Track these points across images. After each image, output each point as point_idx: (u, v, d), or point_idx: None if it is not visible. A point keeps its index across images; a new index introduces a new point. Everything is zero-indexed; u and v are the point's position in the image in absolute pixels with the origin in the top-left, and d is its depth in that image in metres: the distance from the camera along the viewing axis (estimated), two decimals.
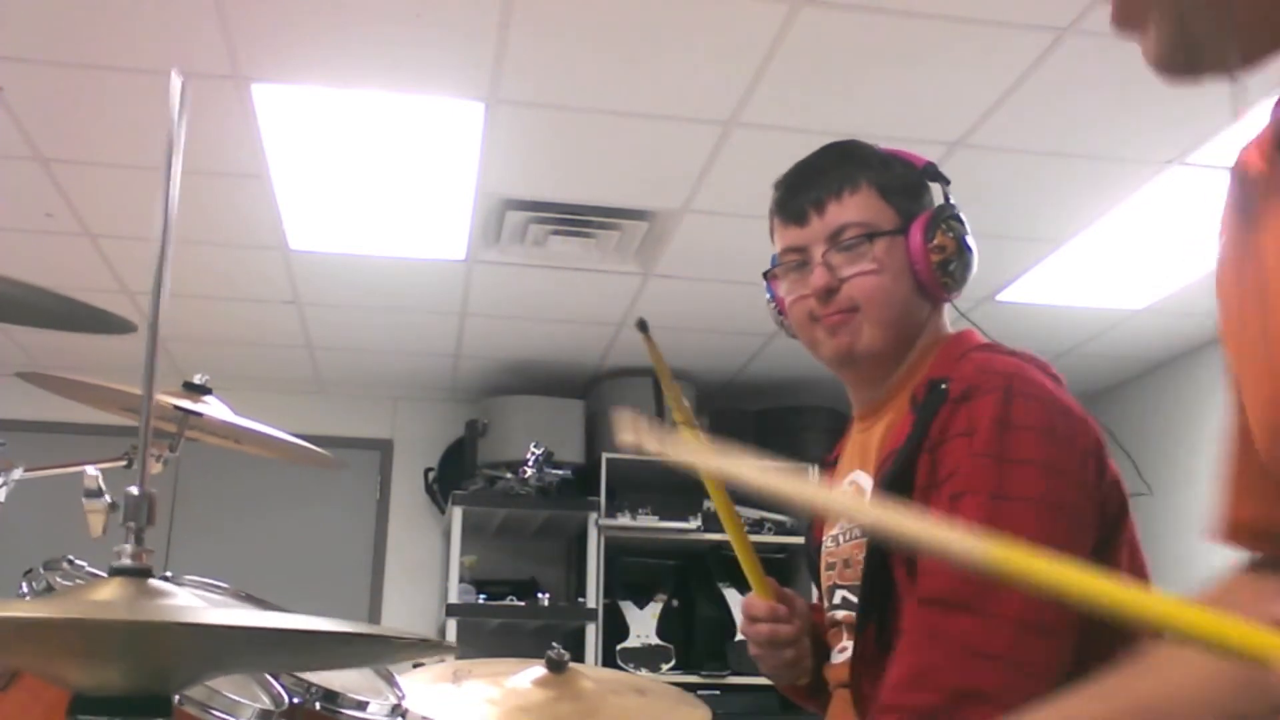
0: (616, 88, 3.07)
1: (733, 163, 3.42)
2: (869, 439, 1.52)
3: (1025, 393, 1.35)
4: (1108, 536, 1.36)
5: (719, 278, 4.27)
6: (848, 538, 1.50)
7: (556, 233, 3.87)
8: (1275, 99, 0.83)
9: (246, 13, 2.74)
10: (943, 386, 1.39)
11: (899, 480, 1.36)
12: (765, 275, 1.61)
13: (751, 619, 1.54)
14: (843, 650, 1.50)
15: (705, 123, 3.24)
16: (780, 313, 1.60)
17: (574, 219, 3.82)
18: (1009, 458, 1.31)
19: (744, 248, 3.96)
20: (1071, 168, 3.46)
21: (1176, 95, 3.07)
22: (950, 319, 1.58)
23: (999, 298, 4.37)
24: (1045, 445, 1.32)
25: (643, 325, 1.53)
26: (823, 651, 1.57)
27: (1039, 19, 2.77)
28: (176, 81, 0.99)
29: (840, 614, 1.50)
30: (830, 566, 1.54)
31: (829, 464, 1.67)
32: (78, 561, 1.78)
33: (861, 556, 1.44)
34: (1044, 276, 4.21)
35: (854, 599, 1.47)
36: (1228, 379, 0.87)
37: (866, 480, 1.49)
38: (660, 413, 5.21)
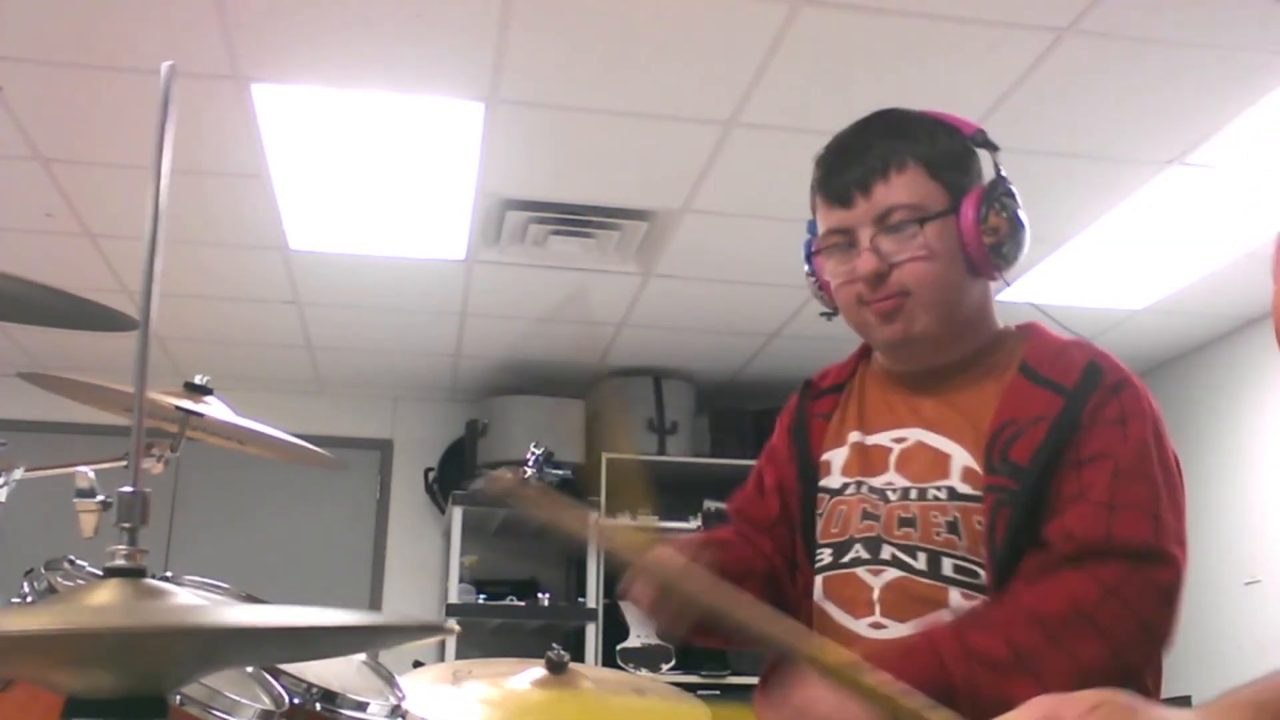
0: (616, 88, 3.07)
1: (733, 163, 3.42)
2: (934, 405, 1.47)
3: (1145, 391, 1.46)
4: None
5: (719, 278, 4.27)
6: (925, 496, 1.42)
7: (556, 233, 3.87)
8: None
9: (246, 13, 2.74)
10: (1095, 366, 1.44)
11: (1052, 451, 1.37)
12: (808, 255, 1.53)
13: (626, 596, 1.42)
14: (878, 625, 1.42)
15: (705, 123, 3.24)
16: (821, 289, 1.53)
17: (574, 219, 3.82)
18: (1166, 454, 1.43)
19: (744, 248, 3.96)
20: (1071, 168, 3.46)
21: (1176, 95, 3.08)
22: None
23: (999, 298, 4.36)
24: (1168, 439, 1.45)
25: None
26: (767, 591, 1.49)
27: (1039, 19, 2.77)
28: (165, 68, 0.99)
29: (891, 574, 1.42)
30: (872, 516, 1.45)
31: (822, 390, 1.60)
32: (78, 561, 1.78)
33: (944, 520, 1.39)
34: (1044, 276, 4.21)
35: (911, 561, 1.40)
36: None
37: (946, 443, 1.44)
38: (660, 413, 5.22)
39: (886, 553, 1.43)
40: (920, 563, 1.40)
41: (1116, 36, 2.82)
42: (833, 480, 1.52)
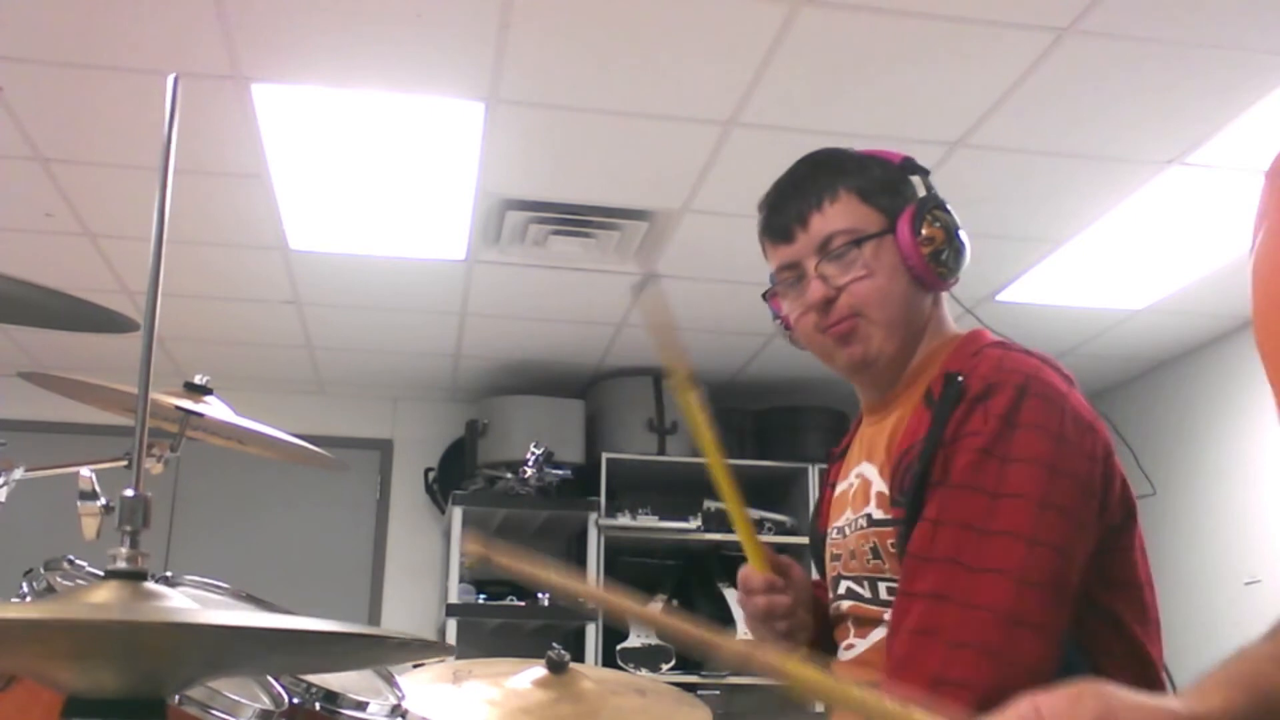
0: (616, 88, 3.07)
1: (733, 163, 3.42)
2: (878, 433, 1.52)
3: (1038, 392, 1.34)
4: (1112, 543, 1.36)
5: (719, 278, 4.27)
6: (853, 529, 1.50)
7: (556, 233, 3.87)
8: None
9: (246, 13, 2.74)
10: (959, 380, 1.38)
11: (920, 477, 1.36)
12: (764, 296, 1.63)
13: (748, 591, 1.56)
14: (850, 647, 1.50)
15: (705, 123, 3.24)
16: (787, 328, 1.60)
17: (574, 219, 3.82)
18: (1011, 456, 1.31)
19: (744, 248, 3.94)
20: (1071, 168, 3.46)
21: (1176, 95, 3.08)
22: (954, 316, 1.58)
23: (999, 298, 4.37)
24: (1050, 445, 1.31)
25: (644, 283, 1.60)
26: (824, 627, 1.58)
27: (1039, 19, 2.77)
28: (170, 81, 0.99)
29: (846, 604, 1.51)
30: (835, 557, 1.54)
31: (835, 456, 1.67)
32: (78, 562, 1.78)
33: (868, 547, 1.46)
34: (1044, 276, 4.21)
35: (859, 589, 1.48)
36: (1265, 363, 0.89)
37: (873, 473, 1.49)
38: (660, 413, 5.22)
39: (843, 587, 1.52)
40: (865, 590, 1.48)
41: (1116, 36, 2.82)
42: (831, 531, 1.60)
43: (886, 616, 1.43)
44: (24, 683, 1.43)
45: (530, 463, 4.90)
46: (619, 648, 4.95)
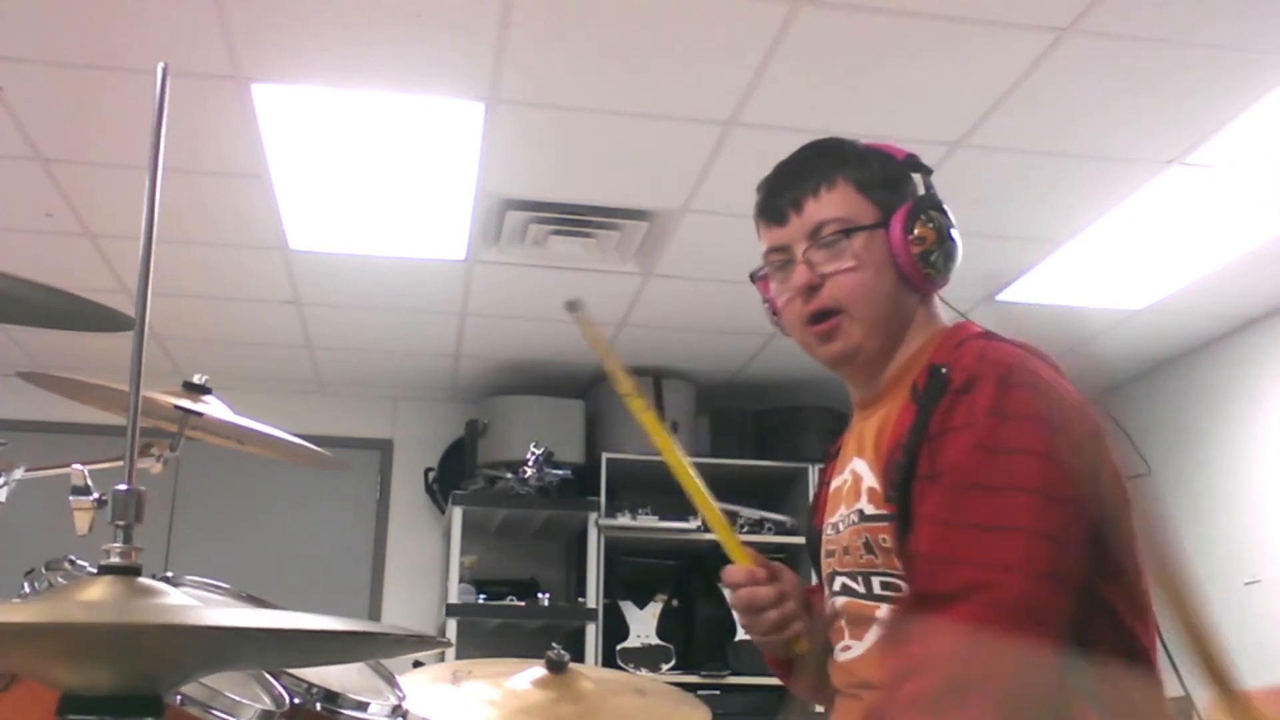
0: (616, 88, 3.07)
1: (733, 163, 3.42)
2: (867, 428, 1.52)
3: (1022, 381, 1.34)
4: (1107, 529, 1.35)
5: (719, 278, 4.27)
6: (846, 524, 1.50)
7: (556, 233, 3.87)
8: None
9: (246, 13, 2.75)
10: (943, 372, 1.38)
11: (907, 470, 1.36)
12: (752, 277, 1.63)
13: (730, 585, 1.55)
14: (846, 649, 1.49)
15: (705, 123, 3.24)
16: (774, 313, 1.60)
17: (574, 219, 3.82)
18: (1005, 448, 1.30)
19: (744, 248, 3.93)
20: (1071, 168, 3.46)
21: (1176, 95, 3.08)
22: (948, 318, 1.58)
23: (999, 298, 4.37)
24: (1042, 434, 1.30)
25: (573, 305, 1.57)
26: (821, 631, 1.57)
27: (1039, 19, 2.77)
28: (159, 69, 0.99)
29: (841, 600, 1.50)
30: (830, 554, 1.54)
31: (832, 455, 1.67)
32: (79, 561, 1.78)
33: (860, 542, 1.45)
34: (1044, 276, 4.21)
35: (853, 585, 1.48)
36: None
37: (864, 468, 1.49)
38: (661, 413, 5.22)
39: (838, 583, 1.52)
40: (859, 585, 1.47)
41: (1116, 36, 2.82)
42: (826, 528, 1.59)
43: (879, 613, 1.43)
44: (24, 682, 1.43)
45: (530, 463, 4.90)
46: (619, 648, 4.95)
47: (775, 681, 1.68)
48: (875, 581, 1.45)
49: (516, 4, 2.72)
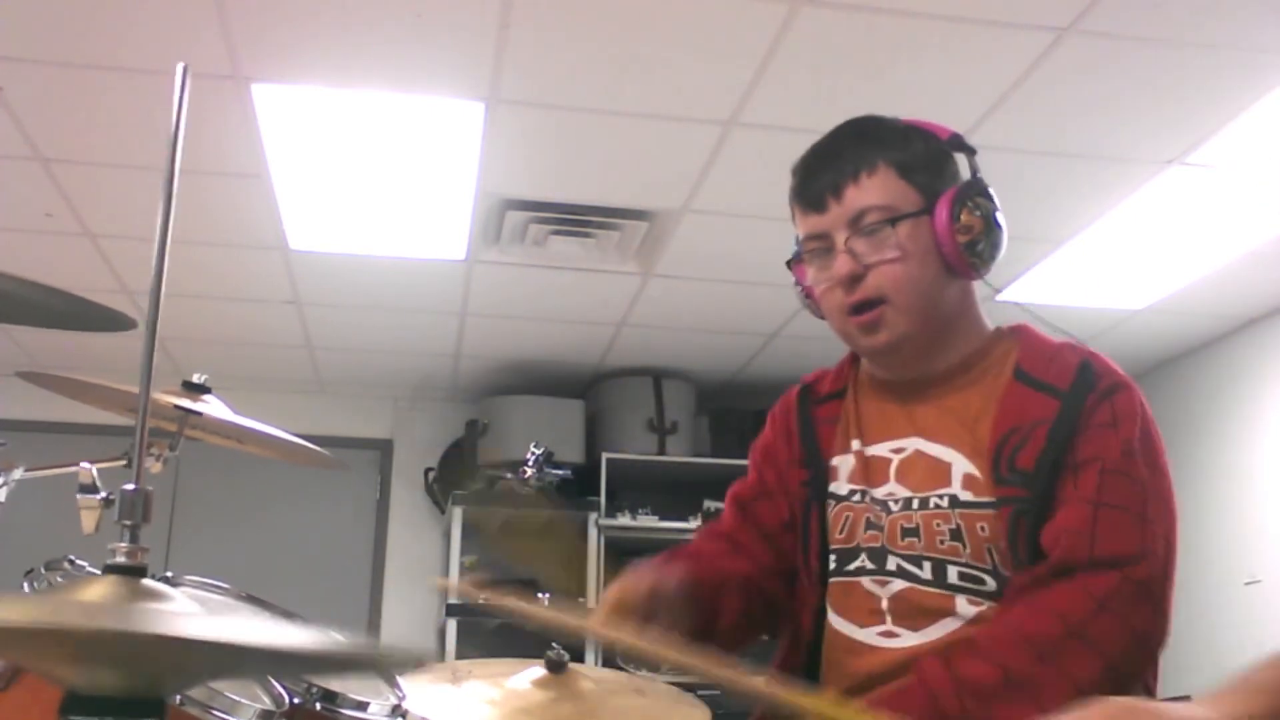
0: (616, 88, 3.06)
1: (733, 163, 3.42)
2: (928, 412, 1.47)
3: (1144, 399, 1.45)
4: None
5: (719, 278, 4.27)
6: (922, 506, 1.42)
7: (556, 233, 3.87)
8: None
9: (246, 13, 2.74)
10: (1093, 371, 1.43)
11: (1055, 455, 1.37)
12: (789, 263, 1.55)
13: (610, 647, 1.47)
14: (890, 634, 1.42)
15: (705, 123, 3.24)
16: (808, 296, 1.54)
17: (574, 219, 3.82)
18: (1153, 458, 1.40)
19: (744, 248, 3.96)
20: (1071, 168, 3.46)
21: (1176, 95, 3.08)
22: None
23: (999, 298, 4.35)
24: (1164, 451, 1.44)
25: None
26: (705, 612, 1.51)
27: (1039, 19, 2.77)
28: (179, 70, 0.99)
29: (897, 584, 1.42)
30: (875, 526, 1.45)
31: (823, 396, 1.59)
32: (79, 561, 1.78)
33: (947, 528, 1.40)
34: (1044, 276, 4.21)
35: (916, 570, 1.41)
36: None
37: (944, 450, 1.44)
38: (660, 413, 5.22)
39: (892, 563, 1.43)
40: (926, 572, 1.41)
41: (1116, 36, 2.82)
42: (840, 486, 1.52)
43: (959, 606, 1.38)
44: (24, 682, 1.43)
45: (530, 463, 4.90)
46: None
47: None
48: (952, 571, 1.39)
49: (516, 4, 2.72)
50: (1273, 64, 2.93)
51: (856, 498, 1.50)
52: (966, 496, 1.40)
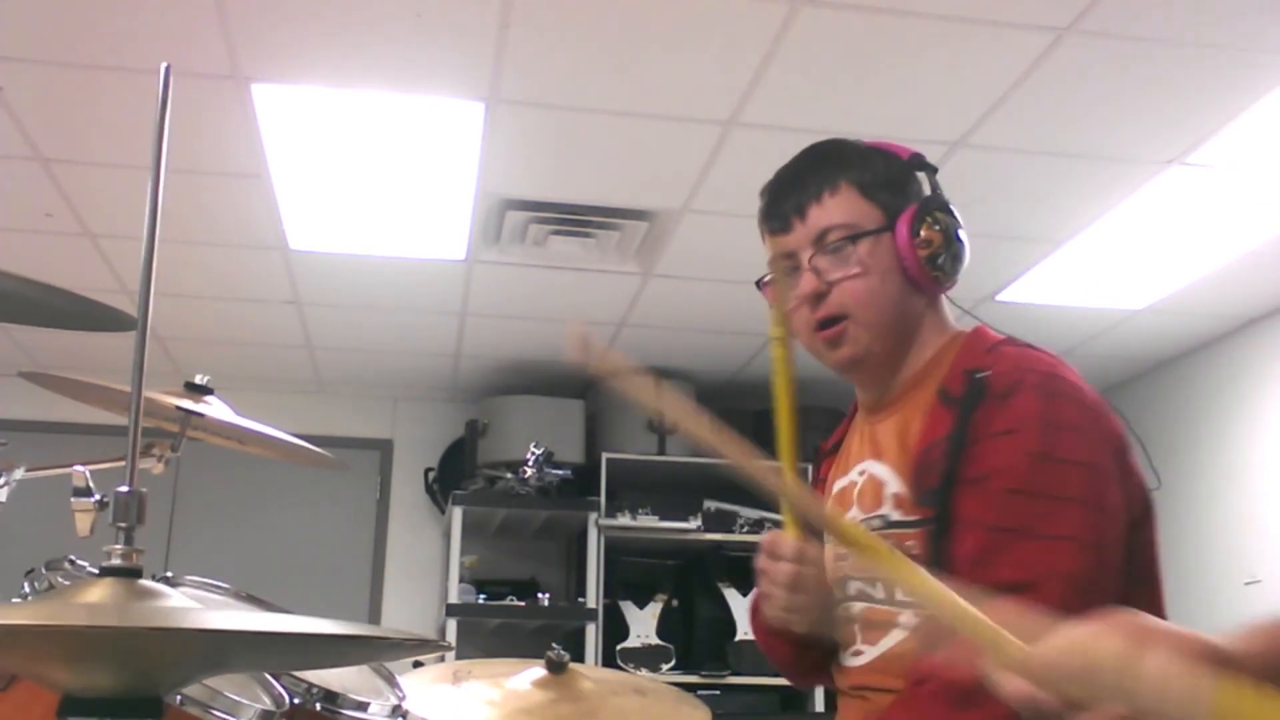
0: (616, 88, 3.07)
1: (733, 163, 3.43)
2: (885, 431, 1.50)
3: (1064, 391, 1.36)
4: (1133, 538, 1.37)
5: (719, 278, 4.27)
6: (866, 526, 1.45)
7: (556, 233, 3.87)
8: None
9: (246, 13, 2.75)
10: (982, 376, 1.38)
11: (948, 474, 1.35)
12: (758, 284, 1.60)
13: (775, 556, 1.46)
14: (858, 653, 1.47)
15: (705, 123, 3.24)
16: None
17: (574, 219, 3.82)
18: (1056, 457, 1.32)
19: (744, 248, 3.94)
20: (1071, 168, 3.46)
21: (1176, 95, 3.08)
22: (954, 316, 1.58)
23: (999, 298, 4.37)
24: (1086, 445, 1.33)
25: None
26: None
27: (1039, 19, 2.77)
28: (161, 70, 0.99)
29: (857, 606, 1.47)
30: (841, 556, 1.50)
31: (826, 452, 1.66)
32: (79, 561, 1.78)
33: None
34: (1044, 276, 4.21)
35: (870, 590, 1.45)
36: None
37: (885, 471, 1.47)
38: (663, 415, 5.22)
39: (852, 588, 1.49)
40: (879, 591, 1.45)
41: (1116, 36, 2.82)
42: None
43: (901, 619, 1.41)
44: (24, 682, 1.43)
45: (530, 463, 4.90)
46: (619, 648, 4.95)
47: (775, 681, 1.68)
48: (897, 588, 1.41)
49: (516, 4, 2.72)
50: (1273, 64, 2.93)
51: None
52: (896, 516, 1.44)
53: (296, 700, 1.64)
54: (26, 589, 1.74)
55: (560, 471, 4.98)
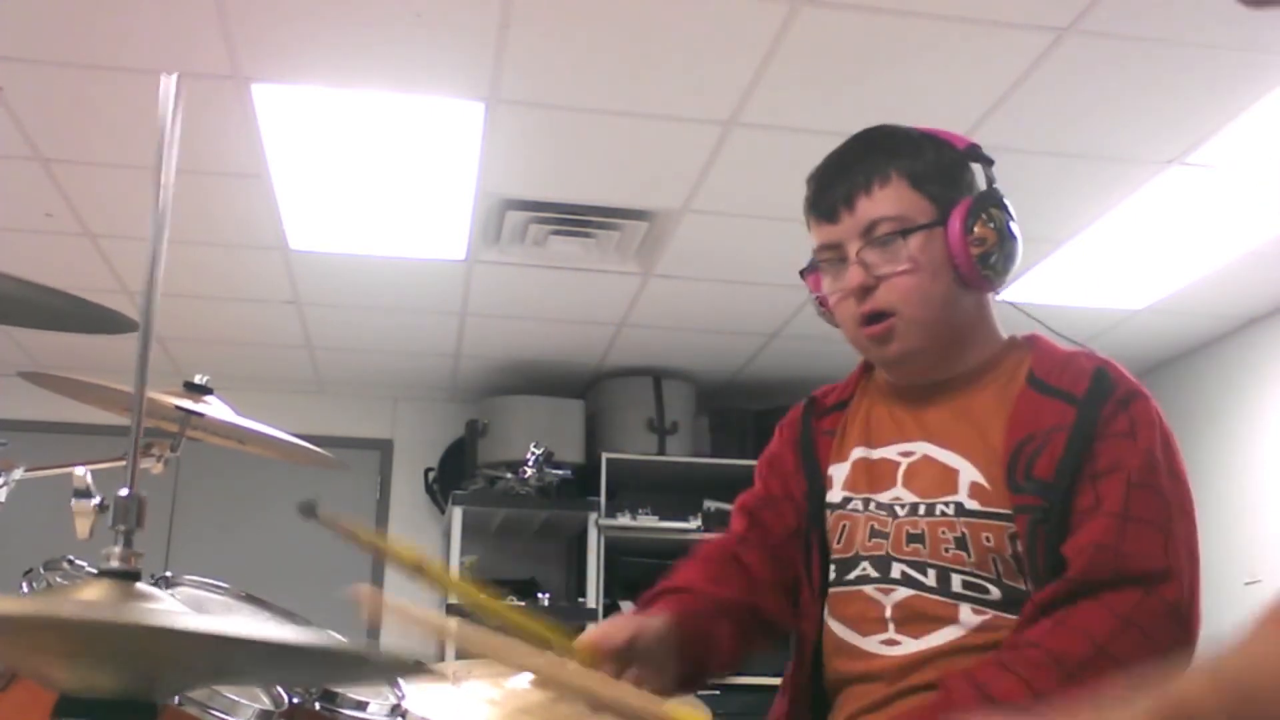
0: (616, 88, 3.07)
1: (733, 163, 3.42)
2: (934, 416, 1.47)
3: (1159, 409, 1.44)
4: None
5: (719, 278, 4.26)
6: (928, 513, 1.42)
7: (556, 233, 3.87)
8: None
9: (246, 13, 2.74)
10: (1106, 375, 1.43)
11: (1073, 463, 1.36)
12: (802, 273, 1.55)
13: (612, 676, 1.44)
14: (892, 642, 1.41)
15: (705, 123, 3.24)
16: (824, 307, 1.54)
17: (574, 219, 3.82)
18: (1175, 470, 1.41)
19: (744, 248, 3.96)
20: (1071, 168, 3.46)
21: (1176, 95, 3.08)
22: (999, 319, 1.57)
23: (999, 298, 4.36)
24: (1182, 465, 1.44)
25: (308, 509, 1.39)
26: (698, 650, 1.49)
27: (1039, 19, 2.77)
28: (169, 81, 0.99)
29: (901, 592, 1.41)
30: (879, 534, 1.44)
31: (826, 407, 1.59)
32: (78, 562, 1.78)
33: (952, 536, 1.39)
34: (1044, 276, 4.21)
35: (920, 577, 1.40)
36: None
37: (952, 457, 1.43)
38: (660, 413, 5.21)
39: (896, 570, 1.42)
40: (930, 579, 1.40)
41: (1116, 36, 2.82)
42: (834, 495, 1.52)
43: (963, 615, 1.37)
44: (24, 682, 1.43)
45: (530, 463, 4.90)
46: None
47: (776, 681, 1.66)
48: (956, 579, 1.38)
49: (516, 4, 2.72)
50: (1273, 64, 2.93)
51: (854, 505, 1.49)
52: (973, 505, 1.40)
53: (295, 699, 1.64)
54: (25, 589, 1.74)
55: (560, 471, 4.97)
